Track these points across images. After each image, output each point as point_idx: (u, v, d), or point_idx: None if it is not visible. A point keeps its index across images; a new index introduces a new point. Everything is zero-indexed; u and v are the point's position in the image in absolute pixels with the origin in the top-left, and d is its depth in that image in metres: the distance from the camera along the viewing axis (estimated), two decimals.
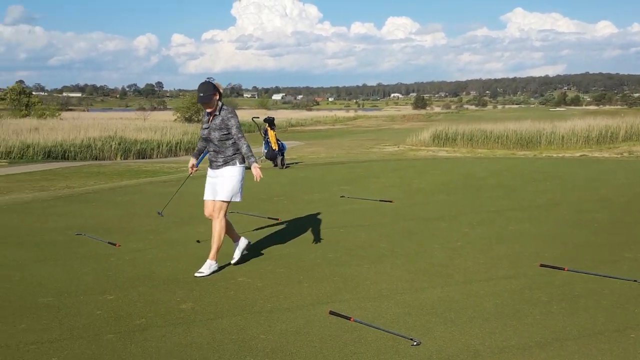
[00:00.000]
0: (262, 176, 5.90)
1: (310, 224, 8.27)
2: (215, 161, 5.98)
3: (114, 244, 7.05)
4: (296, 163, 18.06)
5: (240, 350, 4.09)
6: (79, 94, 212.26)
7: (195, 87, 6.24)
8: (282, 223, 8.37)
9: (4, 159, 25.43)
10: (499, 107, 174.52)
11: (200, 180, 7.35)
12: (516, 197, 10.46)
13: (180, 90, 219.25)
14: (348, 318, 4.61)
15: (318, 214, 9.00)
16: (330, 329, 4.46)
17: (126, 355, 4.00)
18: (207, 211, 6.06)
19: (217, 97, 5.88)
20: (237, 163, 5.98)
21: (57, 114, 48.60)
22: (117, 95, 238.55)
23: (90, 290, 5.40)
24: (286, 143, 18.15)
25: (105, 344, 4.18)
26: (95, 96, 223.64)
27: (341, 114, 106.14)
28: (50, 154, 26.95)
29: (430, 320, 4.61)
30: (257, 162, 5.93)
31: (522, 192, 11.08)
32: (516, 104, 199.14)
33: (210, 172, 6.06)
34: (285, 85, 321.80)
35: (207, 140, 5.99)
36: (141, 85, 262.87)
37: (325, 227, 7.99)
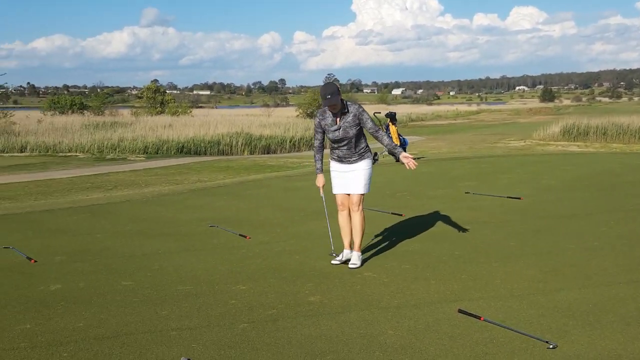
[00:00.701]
0: (416, 164, 5.86)
1: (434, 220, 8.17)
2: (349, 158, 5.97)
3: (245, 236, 7.32)
4: (418, 158, 17.89)
5: (369, 345, 4.11)
6: (207, 92, 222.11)
7: (316, 83, 6.34)
8: (406, 219, 8.33)
9: (142, 154, 27.12)
10: (635, 99, 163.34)
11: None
12: None
13: (302, 87, 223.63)
14: (478, 317, 4.50)
15: (442, 210, 8.87)
16: (460, 327, 4.38)
17: (260, 344, 4.15)
18: (341, 204, 6.11)
19: (340, 95, 5.85)
20: (370, 156, 6.07)
21: (188, 111, 51.09)
22: (243, 93, 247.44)
23: (224, 280, 5.64)
24: (407, 138, 18.04)
25: (240, 333, 4.35)
26: (222, 94, 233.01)
27: (463, 107, 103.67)
28: (182, 149, 28.42)
29: (567, 322, 4.40)
30: (405, 151, 5.92)
31: None
32: None
33: (338, 166, 6.06)
34: (405, 79, 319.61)
35: (339, 141, 5.90)
36: (265, 83, 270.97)
37: (451, 224, 7.86)
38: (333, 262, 6.12)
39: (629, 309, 4.66)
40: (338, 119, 5.88)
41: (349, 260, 6.10)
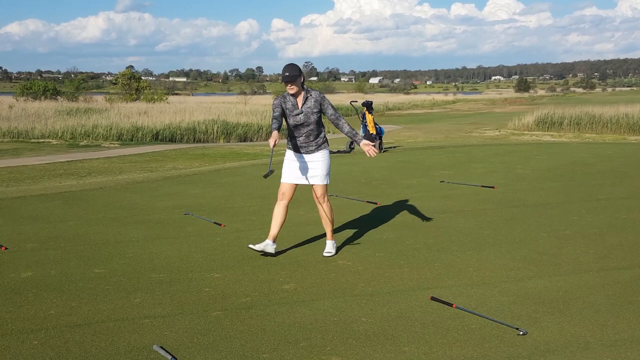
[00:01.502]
0: (377, 151, 5.79)
1: (409, 208, 8.21)
2: (307, 146, 5.89)
3: (219, 224, 7.29)
4: (394, 147, 17.97)
5: (342, 332, 4.13)
6: (184, 79, 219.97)
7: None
8: (381, 207, 8.36)
9: (116, 140, 26.82)
10: (609, 89, 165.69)
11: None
12: (629, 185, 9.93)
13: (279, 75, 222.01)
14: (450, 304, 4.55)
15: (417, 198, 8.92)
16: (432, 314, 4.42)
17: (233, 332, 4.14)
18: (283, 194, 5.98)
19: (302, 79, 5.79)
20: (327, 146, 6.00)
21: (164, 98, 50.54)
22: (220, 80, 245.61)
23: (198, 268, 5.62)
24: (384, 127, 18.09)
25: (213, 321, 4.34)
26: (199, 81, 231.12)
27: (439, 97, 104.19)
28: (158, 137, 28.14)
29: (537, 310, 4.47)
30: (364, 139, 5.80)
31: (636, 179, 10.49)
32: (627, 87, 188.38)
33: (293, 155, 5.95)
34: (383, 68, 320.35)
35: (300, 126, 5.81)
36: (242, 70, 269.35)
37: (425, 212, 7.91)
38: (251, 246, 5.89)
39: (598, 296, 4.75)
40: (300, 104, 5.81)
41: (265, 252, 5.91)
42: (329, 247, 6.06)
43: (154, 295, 4.88)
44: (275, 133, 5.58)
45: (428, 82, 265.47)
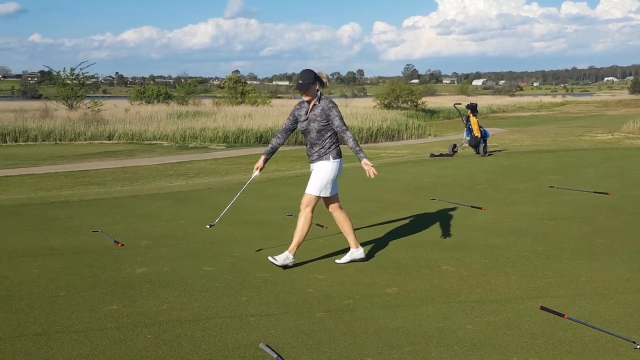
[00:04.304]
0: (376, 173, 5.53)
1: (516, 214, 7.96)
2: (310, 155, 5.82)
3: (322, 226, 7.37)
4: (499, 150, 17.48)
5: (447, 339, 4.06)
6: (286, 82, 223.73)
7: (395, 74, 6.09)
8: (486, 212, 8.15)
9: (223, 142, 27.74)
10: None
11: (399, 167, 7.39)
12: None
13: (379, 77, 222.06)
14: (562, 315, 4.36)
15: (524, 204, 8.63)
16: (542, 324, 4.26)
17: (336, 333, 4.17)
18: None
19: (317, 86, 5.70)
20: (331, 158, 5.71)
21: (267, 101, 51.70)
22: None
23: (302, 268, 5.71)
24: (488, 130, 17.63)
25: (317, 321, 4.39)
26: None
27: (547, 99, 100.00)
28: (261, 139, 28.86)
29: None
30: (366, 158, 5.58)
31: None
32: None
33: (310, 165, 5.95)
34: (487, 70, 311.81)
35: (305, 132, 5.77)
36: (343, 73, 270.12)
37: (533, 218, 7.64)
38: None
39: None
40: (309, 110, 5.74)
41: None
42: (281, 256, 5.71)
43: (259, 293, 5.00)
44: (261, 160, 5.98)
45: (535, 84, 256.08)
